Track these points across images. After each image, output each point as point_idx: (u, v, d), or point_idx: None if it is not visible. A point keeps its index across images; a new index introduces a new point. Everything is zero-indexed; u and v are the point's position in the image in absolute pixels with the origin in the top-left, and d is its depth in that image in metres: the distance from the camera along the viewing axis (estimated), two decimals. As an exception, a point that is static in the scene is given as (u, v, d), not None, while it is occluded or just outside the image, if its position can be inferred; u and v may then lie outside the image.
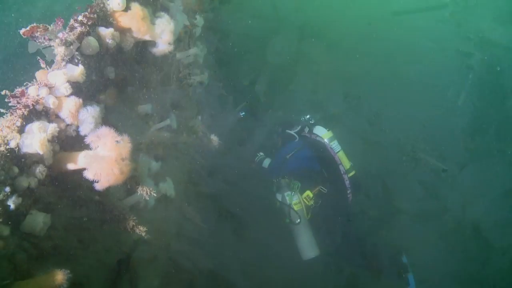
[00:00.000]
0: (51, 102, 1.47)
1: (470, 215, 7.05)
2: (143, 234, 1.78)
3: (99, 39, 1.73)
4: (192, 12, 3.15)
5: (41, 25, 1.47)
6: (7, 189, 1.30)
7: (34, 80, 1.47)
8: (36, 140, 1.36)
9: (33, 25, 1.46)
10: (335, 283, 5.30)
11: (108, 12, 1.80)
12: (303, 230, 4.33)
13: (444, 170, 7.69)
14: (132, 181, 1.88)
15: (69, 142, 1.62)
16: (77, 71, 1.58)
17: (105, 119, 1.77)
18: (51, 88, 1.49)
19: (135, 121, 2.32)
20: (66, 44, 1.56)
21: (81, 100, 1.56)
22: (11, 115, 1.38)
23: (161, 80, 2.67)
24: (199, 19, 3.01)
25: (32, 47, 2.01)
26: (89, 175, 1.45)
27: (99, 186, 1.46)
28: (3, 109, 1.39)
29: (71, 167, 1.51)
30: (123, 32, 1.90)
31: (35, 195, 1.45)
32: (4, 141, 1.32)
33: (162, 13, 2.06)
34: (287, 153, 4.46)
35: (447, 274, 6.01)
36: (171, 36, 2.05)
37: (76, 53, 1.64)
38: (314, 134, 4.57)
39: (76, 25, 1.63)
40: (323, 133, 4.54)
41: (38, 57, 1.49)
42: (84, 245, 1.78)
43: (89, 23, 1.67)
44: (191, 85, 3.34)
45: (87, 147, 1.51)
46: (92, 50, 1.69)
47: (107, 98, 1.93)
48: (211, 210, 4.32)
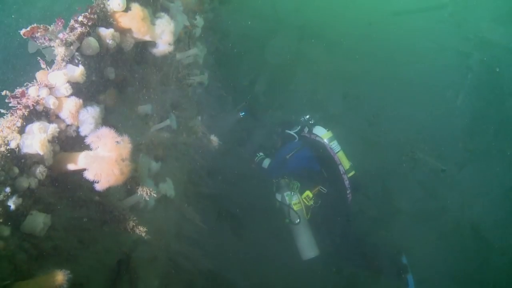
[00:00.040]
0: (51, 102, 1.47)
1: (469, 215, 7.06)
2: (143, 234, 1.78)
3: (99, 39, 1.73)
4: (192, 12, 3.15)
5: (42, 25, 1.47)
6: (8, 189, 1.30)
7: (34, 80, 1.47)
8: (36, 140, 1.35)
9: (33, 25, 1.46)
10: (334, 283, 5.30)
11: (108, 12, 1.80)
12: (302, 230, 4.34)
13: (443, 170, 7.70)
14: (132, 181, 1.88)
15: (69, 142, 1.62)
16: (77, 72, 1.58)
17: (105, 120, 1.77)
18: (51, 88, 1.49)
19: (135, 122, 2.32)
20: (66, 44, 1.56)
21: (81, 100, 1.56)
22: (11, 116, 1.38)
23: (161, 80, 2.67)
24: (199, 20, 3.01)
25: (32, 47, 2.01)
26: (89, 176, 1.45)
27: (99, 186, 1.46)
28: (4, 109, 1.39)
29: (71, 167, 1.51)
30: (123, 32, 1.90)
31: (35, 195, 1.45)
32: (4, 142, 1.32)
33: (162, 14, 2.06)
34: (287, 153, 4.46)
35: (446, 274, 6.02)
36: (171, 36, 2.05)
37: (76, 53, 1.64)
38: (313, 134, 4.56)
39: (76, 25, 1.63)
40: (322, 133, 4.54)
41: (38, 58, 1.49)
42: (84, 246, 1.79)
43: (89, 23, 1.68)
44: (191, 85, 3.34)
45: (87, 148, 1.51)
46: (92, 50, 1.69)
47: (107, 98, 1.93)
48: (211, 210, 4.32)
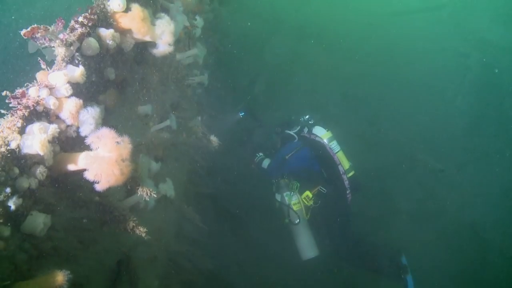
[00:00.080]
0: (51, 103, 1.47)
1: (468, 216, 7.06)
2: (143, 235, 1.78)
3: (100, 40, 1.73)
4: (192, 13, 3.16)
5: (42, 26, 1.47)
6: (8, 190, 1.30)
7: (34, 81, 1.47)
8: (36, 141, 1.35)
9: (33, 26, 1.46)
10: (334, 283, 5.31)
11: (108, 13, 1.81)
12: (302, 230, 4.33)
13: (441, 170, 7.71)
14: (132, 182, 1.89)
15: (70, 143, 1.62)
16: (78, 72, 1.58)
17: (105, 120, 1.77)
18: (51, 89, 1.49)
19: (135, 122, 2.32)
20: (66, 45, 1.56)
21: (81, 101, 1.56)
22: (11, 116, 1.38)
23: (161, 81, 2.67)
24: (199, 20, 3.01)
25: (32, 48, 2.01)
26: (90, 176, 1.45)
27: (99, 187, 1.46)
28: (4, 110, 1.39)
29: (71, 168, 1.51)
30: (123, 33, 1.90)
31: (35, 196, 1.45)
32: (4, 142, 1.32)
33: (162, 14, 2.06)
34: (287, 154, 4.46)
35: (446, 274, 6.02)
36: (171, 37, 2.05)
37: (76, 54, 1.64)
38: (313, 134, 4.57)
39: (76, 26, 1.64)
40: (322, 133, 4.54)
41: (38, 58, 1.50)
42: (84, 246, 1.79)
43: (89, 24, 1.68)
44: (191, 85, 3.34)
45: (87, 148, 1.51)
46: (92, 51, 1.69)
47: (107, 99, 1.93)
48: (211, 210, 4.32)
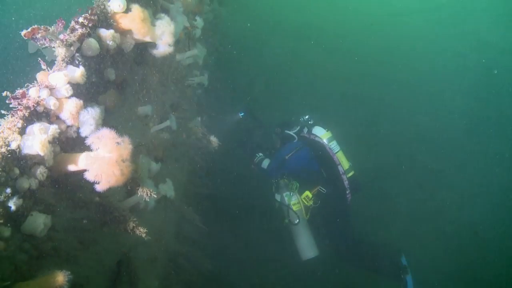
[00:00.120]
0: (52, 103, 1.47)
1: (468, 216, 7.07)
2: (143, 235, 1.78)
3: (100, 40, 1.74)
4: (192, 13, 3.16)
5: (42, 26, 1.47)
6: (8, 190, 1.30)
7: (35, 81, 1.47)
8: (37, 141, 1.35)
9: (34, 26, 1.46)
10: (334, 283, 5.31)
11: (108, 13, 1.81)
12: (302, 230, 4.33)
13: (440, 171, 7.72)
14: (132, 182, 1.89)
15: (70, 143, 1.62)
16: (78, 73, 1.58)
17: (105, 121, 1.77)
18: (52, 89, 1.49)
19: (135, 123, 2.32)
20: (67, 45, 1.56)
21: (81, 101, 1.56)
22: (12, 117, 1.38)
23: (160, 81, 2.67)
24: (199, 21, 3.02)
25: (32, 48, 2.01)
26: (90, 177, 1.45)
27: (99, 187, 1.46)
28: (4, 110, 1.39)
29: (71, 168, 1.51)
30: (124, 33, 1.91)
31: (35, 196, 1.45)
32: (5, 143, 1.32)
33: (162, 15, 2.06)
34: (286, 154, 4.46)
35: (446, 274, 6.03)
36: (171, 37, 2.05)
37: (76, 54, 1.65)
38: (313, 134, 4.57)
39: (77, 26, 1.64)
40: (322, 134, 4.54)
41: (39, 59, 1.50)
42: (84, 247, 1.78)
43: (89, 24, 1.68)
44: (191, 86, 3.35)
45: (87, 149, 1.51)
46: (92, 51, 1.69)
47: (107, 99, 1.93)
48: (211, 211, 4.32)
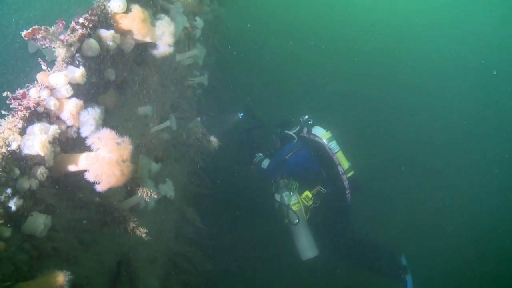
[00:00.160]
0: (52, 104, 1.47)
1: (468, 216, 7.08)
2: (143, 235, 1.78)
3: (100, 41, 1.74)
4: (192, 14, 3.16)
5: (43, 27, 1.47)
6: (9, 190, 1.31)
7: (35, 82, 1.48)
8: (37, 141, 1.35)
9: (34, 27, 1.46)
10: (334, 283, 5.31)
11: (108, 14, 1.81)
12: (302, 230, 4.33)
13: (440, 171, 7.73)
14: (132, 182, 1.89)
15: (70, 144, 1.62)
16: (78, 73, 1.58)
17: (106, 121, 1.77)
18: (52, 90, 1.49)
19: (135, 123, 2.32)
20: (67, 46, 1.56)
21: (82, 102, 1.56)
22: (12, 117, 1.38)
23: (160, 82, 2.67)
24: (199, 21, 3.02)
25: (32, 48, 2.01)
26: (90, 177, 1.45)
27: (100, 187, 1.47)
28: (5, 111, 1.39)
29: (72, 168, 1.51)
30: (124, 34, 1.91)
31: (36, 197, 1.45)
32: (5, 143, 1.32)
33: (162, 15, 2.07)
34: (286, 154, 4.46)
35: (445, 274, 6.03)
36: (171, 38, 2.05)
37: (77, 55, 1.65)
38: (312, 134, 4.57)
39: (77, 27, 1.64)
40: (321, 134, 4.55)
41: (39, 59, 1.50)
42: (84, 247, 1.79)
43: (90, 25, 1.68)
44: (191, 86, 3.35)
45: (88, 149, 1.51)
46: (93, 52, 1.69)
47: (107, 100, 1.93)
48: (211, 211, 4.32)
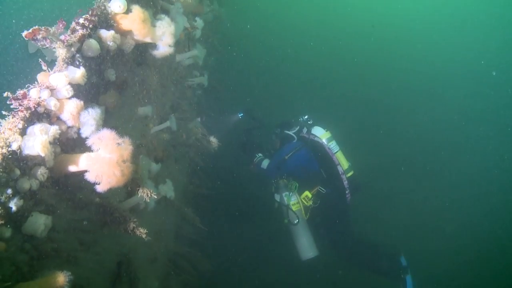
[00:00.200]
0: (52, 104, 1.47)
1: (468, 216, 7.09)
2: (143, 236, 1.78)
3: (100, 41, 1.74)
4: (192, 14, 3.16)
5: (43, 27, 1.47)
6: (9, 191, 1.31)
7: (35, 82, 1.48)
8: (37, 142, 1.35)
9: (35, 27, 1.46)
10: (334, 284, 5.31)
11: (109, 14, 1.81)
12: (301, 230, 4.33)
13: (440, 171, 7.74)
14: (132, 183, 1.89)
15: (70, 144, 1.62)
16: (78, 74, 1.58)
17: (106, 121, 1.77)
18: (52, 90, 1.49)
19: (135, 123, 2.32)
20: (67, 46, 1.56)
21: (82, 102, 1.56)
22: (13, 117, 1.38)
23: (161, 82, 2.67)
24: (199, 22, 3.02)
25: (32, 48, 2.01)
26: (91, 177, 1.45)
27: (100, 188, 1.47)
28: (5, 111, 1.39)
29: (72, 169, 1.51)
30: (124, 34, 1.91)
31: (36, 197, 1.45)
32: (6, 143, 1.32)
33: (162, 16, 2.07)
34: (286, 154, 4.47)
35: (446, 274, 6.04)
36: (171, 38, 2.05)
37: (77, 55, 1.65)
38: (312, 134, 4.57)
39: (77, 27, 1.64)
40: (321, 134, 4.55)
41: (39, 59, 1.50)
42: (84, 247, 1.79)
43: (90, 25, 1.68)
44: (191, 87, 3.35)
45: (88, 149, 1.51)
46: (93, 52, 1.69)
47: (107, 100, 1.93)
48: (210, 211, 4.32)
